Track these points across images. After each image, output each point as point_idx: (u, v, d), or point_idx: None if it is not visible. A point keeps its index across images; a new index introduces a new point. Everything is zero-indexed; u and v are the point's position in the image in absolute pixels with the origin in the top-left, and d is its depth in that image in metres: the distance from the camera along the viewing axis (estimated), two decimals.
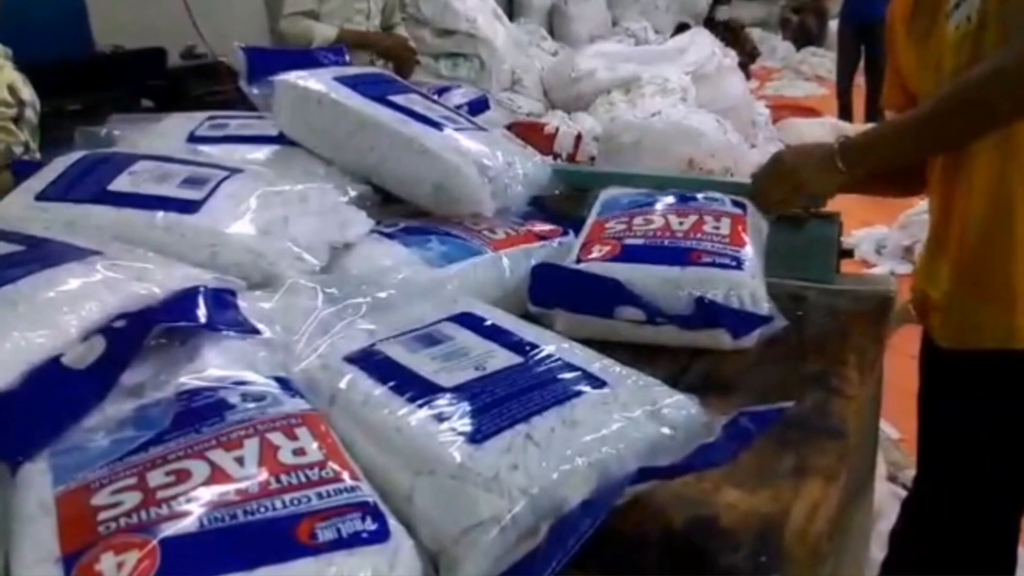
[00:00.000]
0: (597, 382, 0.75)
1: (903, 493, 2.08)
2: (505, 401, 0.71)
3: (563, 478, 0.64)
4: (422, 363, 0.77)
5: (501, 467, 0.64)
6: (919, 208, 4.00)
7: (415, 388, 0.73)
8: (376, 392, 0.73)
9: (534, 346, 0.80)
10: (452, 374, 0.75)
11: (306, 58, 1.47)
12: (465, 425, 0.68)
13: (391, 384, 0.74)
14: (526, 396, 0.71)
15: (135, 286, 0.78)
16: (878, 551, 1.60)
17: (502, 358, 0.78)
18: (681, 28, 6.82)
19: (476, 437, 0.66)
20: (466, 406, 0.70)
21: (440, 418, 0.69)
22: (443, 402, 0.70)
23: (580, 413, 0.70)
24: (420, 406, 0.70)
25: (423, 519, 0.64)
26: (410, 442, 0.68)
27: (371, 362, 0.78)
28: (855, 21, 6.31)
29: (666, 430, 0.71)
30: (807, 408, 0.92)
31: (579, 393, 0.73)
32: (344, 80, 1.25)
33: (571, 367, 0.77)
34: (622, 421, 0.71)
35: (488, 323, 0.85)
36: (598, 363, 0.79)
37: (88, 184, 1.03)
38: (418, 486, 0.65)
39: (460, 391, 0.72)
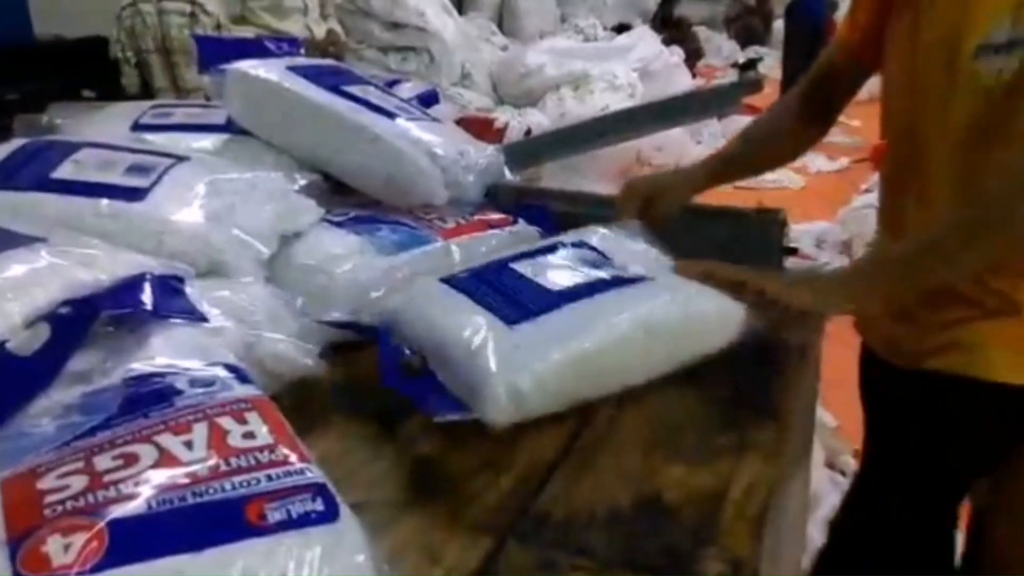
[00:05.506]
0: None
1: (840, 479, 2.15)
2: None
3: None
4: None
5: None
6: (859, 203, 4.11)
7: None
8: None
9: None
10: None
11: (258, 47, 1.46)
12: None
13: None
14: None
15: (80, 272, 0.77)
16: (817, 535, 1.64)
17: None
18: (621, 28, 6.87)
19: None
20: None
21: None
22: None
23: None
24: None
25: None
26: None
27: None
28: (808, 22, 6.34)
29: None
30: (749, 388, 0.95)
31: None
32: (297, 70, 1.24)
33: None
34: None
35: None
36: None
37: (31, 171, 1.01)
38: None
39: None
